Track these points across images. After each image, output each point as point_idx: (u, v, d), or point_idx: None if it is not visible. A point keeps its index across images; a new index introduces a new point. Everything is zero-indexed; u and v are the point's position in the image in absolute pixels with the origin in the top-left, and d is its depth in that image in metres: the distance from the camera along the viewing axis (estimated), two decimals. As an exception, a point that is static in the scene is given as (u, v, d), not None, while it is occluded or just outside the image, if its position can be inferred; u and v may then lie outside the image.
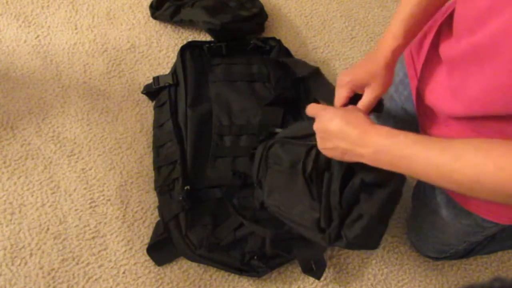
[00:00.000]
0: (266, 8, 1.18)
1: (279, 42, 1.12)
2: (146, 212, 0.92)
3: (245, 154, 0.96)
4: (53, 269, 0.84)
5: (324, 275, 0.88)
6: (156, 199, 0.92)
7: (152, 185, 0.93)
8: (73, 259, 0.86)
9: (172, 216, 0.87)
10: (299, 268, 0.87)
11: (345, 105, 0.71)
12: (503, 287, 0.36)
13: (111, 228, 0.90)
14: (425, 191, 0.90)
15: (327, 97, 0.95)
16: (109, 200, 0.92)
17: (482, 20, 0.53)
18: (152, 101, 1.03)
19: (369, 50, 1.20)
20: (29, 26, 1.10)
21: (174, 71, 1.03)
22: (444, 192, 0.82)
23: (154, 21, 1.15)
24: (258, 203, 0.84)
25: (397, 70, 0.92)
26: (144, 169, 0.96)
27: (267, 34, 1.18)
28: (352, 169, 0.68)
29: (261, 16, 1.16)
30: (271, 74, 1.06)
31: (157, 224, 0.89)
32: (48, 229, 0.88)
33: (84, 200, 0.91)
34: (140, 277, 0.86)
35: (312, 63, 1.11)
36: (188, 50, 1.05)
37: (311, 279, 0.89)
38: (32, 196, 0.90)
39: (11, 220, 0.88)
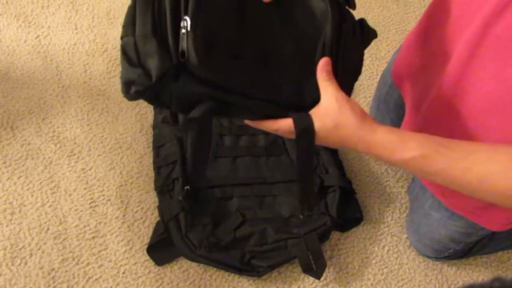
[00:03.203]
0: None
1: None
2: (146, 212, 0.92)
3: (245, 154, 0.96)
4: (53, 269, 0.84)
5: (324, 275, 0.88)
6: (156, 199, 0.92)
7: (152, 185, 0.93)
8: (73, 259, 0.86)
9: (172, 216, 0.87)
10: (299, 268, 0.87)
11: None
12: (503, 287, 0.36)
13: (111, 228, 0.90)
14: (418, 194, 0.90)
15: None
16: (109, 200, 0.92)
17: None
18: (152, 101, 1.03)
19: (369, 50, 1.20)
20: (29, 26, 1.10)
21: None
22: (434, 196, 0.82)
23: (154, 21, 1.15)
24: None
25: (388, 74, 0.93)
26: (144, 169, 0.96)
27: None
28: None
29: None
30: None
31: (157, 224, 0.89)
32: (48, 229, 0.88)
33: (84, 200, 0.91)
34: (140, 277, 0.86)
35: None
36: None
37: (311, 279, 0.89)
38: (32, 196, 0.90)
39: (11, 220, 0.88)
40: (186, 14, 0.55)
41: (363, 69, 1.10)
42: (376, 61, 1.19)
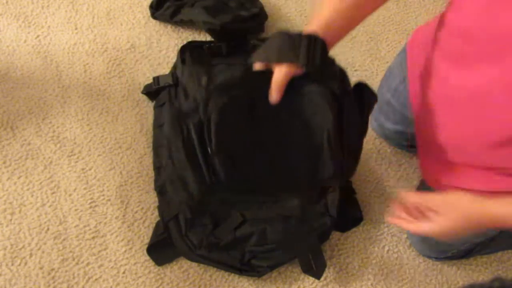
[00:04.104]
0: (266, 8, 1.18)
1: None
2: (146, 212, 0.92)
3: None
4: (53, 269, 0.84)
5: (324, 275, 0.88)
6: (156, 199, 0.92)
7: (152, 185, 0.93)
8: (73, 259, 0.86)
9: (172, 216, 0.87)
10: (299, 268, 0.87)
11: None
12: (503, 287, 0.36)
13: (111, 228, 0.90)
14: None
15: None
16: (109, 200, 0.92)
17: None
18: (152, 101, 1.03)
19: (369, 50, 1.20)
20: (29, 26, 1.10)
21: (174, 71, 1.03)
22: None
23: (154, 21, 1.15)
24: None
25: (395, 75, 0.92)
26: (144, 169, 0.96)
27: (267, 34, 1.18)
28: None
29: (261, 16, 1.16)
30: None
31: (157, 224, 0.89)
32: (48, 229, 0.88)
33: (84, 200, 0.91)
34: (140, 277, 0.86)
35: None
36: (188, 50, 1.05)
37: (311, 279, 0.89)
38: (32, 196, 0.90)
39: (11, 220, 0.88)
40: (210, 139, 0.71)
41: (363, 68, 1.10)
42: (376, 61, 1.19)
